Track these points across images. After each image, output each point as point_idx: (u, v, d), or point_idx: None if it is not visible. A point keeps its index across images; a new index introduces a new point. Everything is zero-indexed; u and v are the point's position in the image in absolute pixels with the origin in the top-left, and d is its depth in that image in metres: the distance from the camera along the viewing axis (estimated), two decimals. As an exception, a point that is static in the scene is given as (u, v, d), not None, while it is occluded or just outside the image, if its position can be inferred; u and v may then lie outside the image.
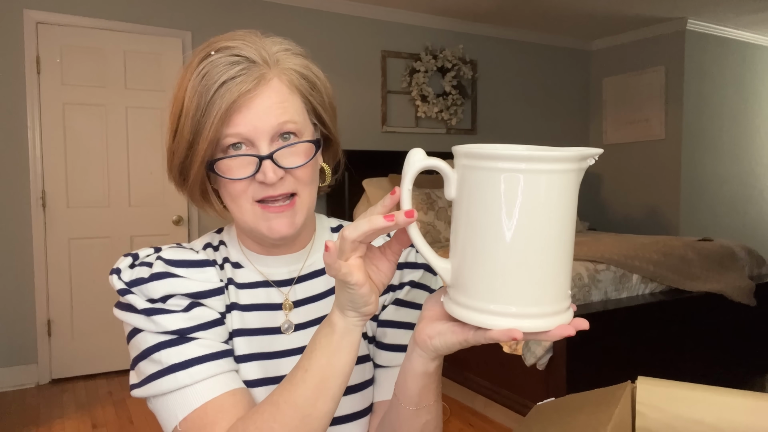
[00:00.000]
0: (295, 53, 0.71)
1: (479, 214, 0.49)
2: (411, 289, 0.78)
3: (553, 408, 0.57)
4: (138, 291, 0.68)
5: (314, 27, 4.18)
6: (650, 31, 4.98)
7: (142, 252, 0.73)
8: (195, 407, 0.64)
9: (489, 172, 0.47)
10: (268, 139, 0.67)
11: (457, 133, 4.81)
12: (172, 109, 0.69)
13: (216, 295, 0.72)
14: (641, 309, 2.67)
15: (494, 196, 0.47)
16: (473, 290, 0.50)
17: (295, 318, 0.76)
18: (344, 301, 0.56)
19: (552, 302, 0.49)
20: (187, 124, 0.67)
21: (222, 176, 0.68)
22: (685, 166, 4.86)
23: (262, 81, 0.66)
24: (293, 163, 0.68)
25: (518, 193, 0.47)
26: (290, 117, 0.68)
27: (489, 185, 0.47)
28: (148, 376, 0.67)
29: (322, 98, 0.73)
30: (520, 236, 0.47)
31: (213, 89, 0.64)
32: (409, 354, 0.59)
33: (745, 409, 0.50)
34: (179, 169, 0.71)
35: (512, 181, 0.47)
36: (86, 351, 3.52)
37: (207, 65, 0.66)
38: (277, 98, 0.67)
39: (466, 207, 0.50)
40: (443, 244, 3.68)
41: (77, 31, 3.46)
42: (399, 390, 0.62)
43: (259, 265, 0.77)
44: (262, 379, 0.72)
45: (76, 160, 3.49)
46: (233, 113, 0.65)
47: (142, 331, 0.68)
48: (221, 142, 0.67)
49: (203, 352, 0.67)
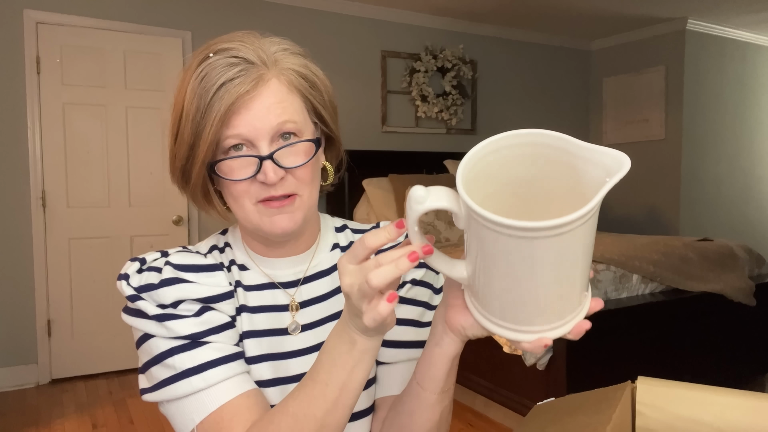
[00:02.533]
0: (293, 53, 0.71)
1: (491, 267, 0.46)
2: (412, 287, 0.79)
3: (553, 408, 0.57)
4: (148, 297, 0.68)
5: (314, 27, 4.18)
6: (650, 31, 4.98)
7: (149, 256, 0.73)
8: (211, 410, 0.65)
9: (495, 234, 0.43)
10: (268, 140, 0.67)
11: (457, 133, 4.81)
12: (173, 112, 0.69)
13: (226, 299, 0.72)
14: (641, 309, 2.67)
15: (504, 257, 0.44)
16: (495, 313, 0.50)
17: (302, 319, 0.76)
18: (366, 329, 0.56)
19: (572, 311, 0.49)
20: (188, 126, 0.67)
21: (223, 177, 0.68)
22: (685, 166, 4.86)
23: (260, 82, 0.66)
24: (294, 162, 0.68)
25: (528, 257, 0.43)
26: (290, 117, 0.68)
27: (497, 246, 0.44)
28: (161, 381, 0.67)
29: (322, 97, 0.73)
30: (535, 290, 0.46)
31: (212, 91, 0.65)
32: (438, 340, 0.60)
33: (745, 409, 0.50)
34: (181, 171, 0.71)
35: (520, 247, 0.43)
36: (86, 351, 3.52)
37: (205, 67, 0.66)
38: (276, 98, 0.67)
39: (476, 249, 0.47)
40: (443, 244, 3.68)
41: (77, 31, 3.46)
42: (424, 378, 0.62)
43: (265, 267, 0.77)
44: (275, 379, 0.72)
45: (76, 160, 3.49)
46: (232, 115, 0.65)
47: (154, 336, 0.68)
48: (222, 143, 0.67)
49: (216, 355, 0.67)
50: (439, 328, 0.59)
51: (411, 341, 0.78)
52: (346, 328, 0.58)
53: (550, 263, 0.44)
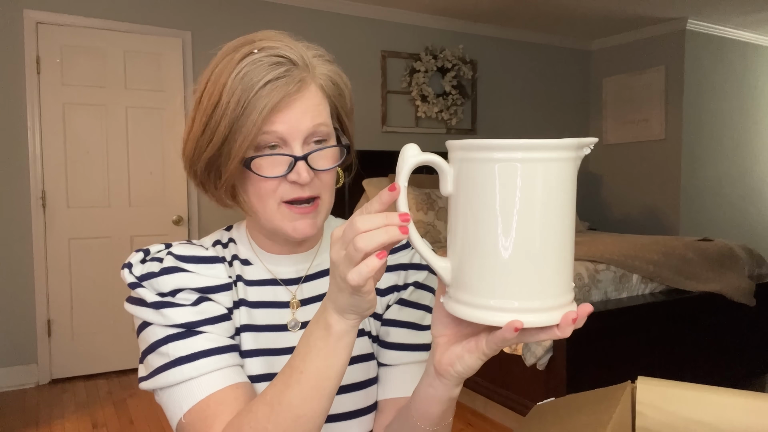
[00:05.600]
0: (326, 60, 0.73)
1: (476, 208, 0.48)
2: (415, 290, 0.79)
3: (553, 408, 0.57)
4: (148, 285, 0.70)
5: (314, 27, 4.18)
6: (650, 31, 4.98)
7: (153, 248, 0.75)
8: (199, 399, 0.65)
9: (485, 163, 0.47)
10: (301, 141, 0.68)
11: (457, 133, 4.81)
12: (203, 103, 0.69)
13: (224, 291, 0.73)
14: (641, 309, 2.67)
15: (491, 187, 0.47)
16: (473, 286, 0.49)
17: (302, 316, 0.77)
18: (345, 305, 0.55)
19: (555, 296, 0.48)
20: (225, 119, 0.66)
21: (256, 173, 0.68)
22: (685, 166, 4.86)
23: (303, 84, 0.68)
24: (323, 165, 0.70)
25: (515, 183, 0.46)
26: (323, 120, 0.70)
27: (485, 176, 0.47)
28: (155, 369, 0.68)
29: (345, 105, 0.75)
30: (519, 227, 0.46)
31: (257, 87, 0.65)
32: (431, 382, 0.59)
33: (745, 409, 0.50)
34: (207, 162, 0.70)
35: (509, 171, 0.46)
36: (86, 351, 3.52)
37: (248, 63, 0.66)
38: (314, 101, 0.69)
39: (463, 201, 0.49)
40: (443, 244, 3.68)
41: (77, 31, 3.46)
42: (418, 414, 0.62)
43: (268, 263, 0.78)
44: (266, 374, 0.73)
45: (76, 160, 3.49)
46: (276, 113, 0.66)
47: (152, 324, 0.69)
48: (258, 139, 0.67)
49: (209, 345, 0.68)
50: (431, 370, 0.59)
51: (412, 344, 0.78)
52: (324, 313, 0.57)
53: (536, 195, 0.46)
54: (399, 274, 0.79)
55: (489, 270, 0.48)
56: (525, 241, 0.46)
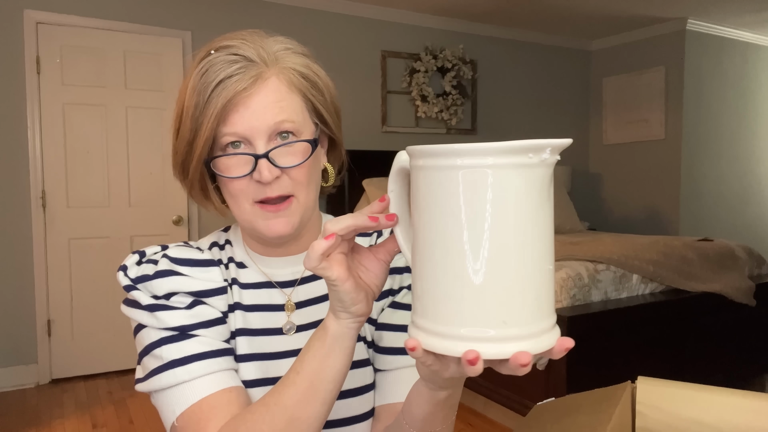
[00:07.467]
0: (296, 52, 0.71)
1: (435, 222, 0.42)
2: (408, 293, 0.78)
3: (553, 408, 0.57)
4: (143, 288, 0.70)
5: (314, 27, 4.18)
6: (650, 31, 4.98)
7: (149, 250, 0.74)
8: (191, 403, 0.65)
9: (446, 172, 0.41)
10: (265, 138, 0.67)
11: (458, 133, 4.81)
12: (176, 108, 0.70)
13: (219, 295, 0.73)
14: (641, 309, 2.67)
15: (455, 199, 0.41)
16: (436, 313, 0.43)
17: (297, 319, 0.76)
18: (334, 302, 0.55)
19: (529, 322, 0.41)
20: (187, 122, 0.67)
21: (220, 174, 0.68)
22: (685, 166, 4.86)
23: (259, 79, 0.66)
24: (290, 162, 0.68)
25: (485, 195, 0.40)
26: (288, 116, 0.67)
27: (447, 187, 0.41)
28: (150, 371, 0.68)
29: (323, 98, 0.73)
30: (484, 244, 0.41)
31: (210, 87, 0.65)
32: (417, 385, 0.58)
33: (745, 409, 0.50)
34: (181, 166, 0.71)
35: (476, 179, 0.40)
36: (86, 351, 3.52)
37: (206, 64, 0.66)
38: (274, 97, 0.67)
39: (419, 215, 0.44)
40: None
41: (77, 31, 3.46)
42: (405, 412, 0.61)
43: (263, 266, 0.77)
44: (261, 379, 0.72)
45: (76, 160, 3.49)
46: (230, 112, 0.65)
47: (146, 327, 0.69)
48: (219, 140, 0.67)
49: (203, 349, 0.68)
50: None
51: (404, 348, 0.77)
52: (325, 318, 0.58)
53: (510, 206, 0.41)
54: (394, 278, 0.78)
55: (450, 291, 0.42)
56: (499, 261, 0.41)
